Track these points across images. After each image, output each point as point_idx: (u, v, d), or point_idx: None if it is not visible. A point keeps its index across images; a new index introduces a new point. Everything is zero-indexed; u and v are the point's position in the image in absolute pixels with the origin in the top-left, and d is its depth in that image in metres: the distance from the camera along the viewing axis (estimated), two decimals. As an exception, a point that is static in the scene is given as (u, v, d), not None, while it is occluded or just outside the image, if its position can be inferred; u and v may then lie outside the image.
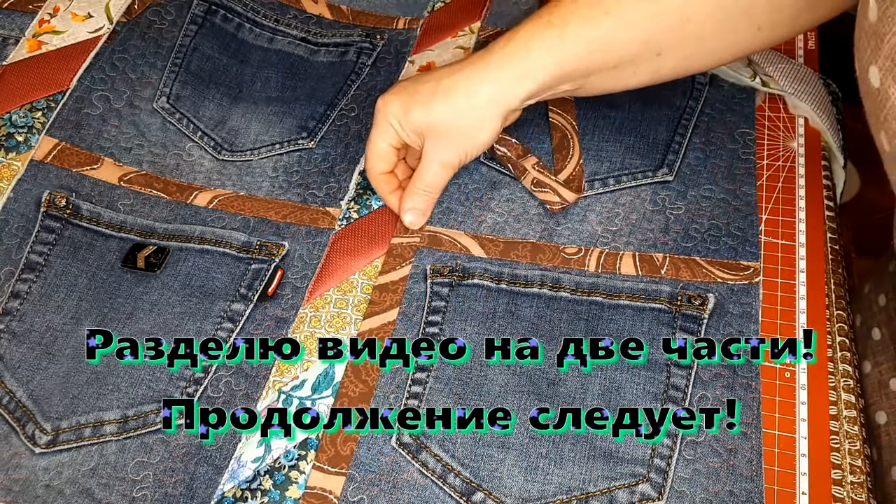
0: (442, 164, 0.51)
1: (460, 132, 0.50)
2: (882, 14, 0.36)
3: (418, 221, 0.54)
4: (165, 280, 0.53)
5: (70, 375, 0.49)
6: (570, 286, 0.51)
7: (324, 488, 0.45)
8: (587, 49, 0.48)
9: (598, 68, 0.49)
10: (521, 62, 0.48)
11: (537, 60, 0.48)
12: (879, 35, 0.36)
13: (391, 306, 0.51)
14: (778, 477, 0.44)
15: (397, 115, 0.50)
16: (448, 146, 0.50)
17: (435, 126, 0.50)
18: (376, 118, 0.52)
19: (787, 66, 0.61)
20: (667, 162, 0.57)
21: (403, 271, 0.52)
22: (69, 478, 0.45)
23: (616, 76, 0.50)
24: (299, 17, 0.68)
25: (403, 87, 0.51)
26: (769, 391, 0.47)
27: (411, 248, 0.53)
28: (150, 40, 0.64)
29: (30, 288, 0.52)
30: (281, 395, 0.48)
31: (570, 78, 0.49)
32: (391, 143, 0.52)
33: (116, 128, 0.59)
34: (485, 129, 0.50)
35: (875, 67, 0.37)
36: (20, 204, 0.55)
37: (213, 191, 0.57)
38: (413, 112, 0.50)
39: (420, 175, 0.52)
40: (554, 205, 0.55)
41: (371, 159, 0.53)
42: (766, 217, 0.54)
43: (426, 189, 0.52)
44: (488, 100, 0.48)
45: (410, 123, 0.50)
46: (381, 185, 0.54)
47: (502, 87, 0.48)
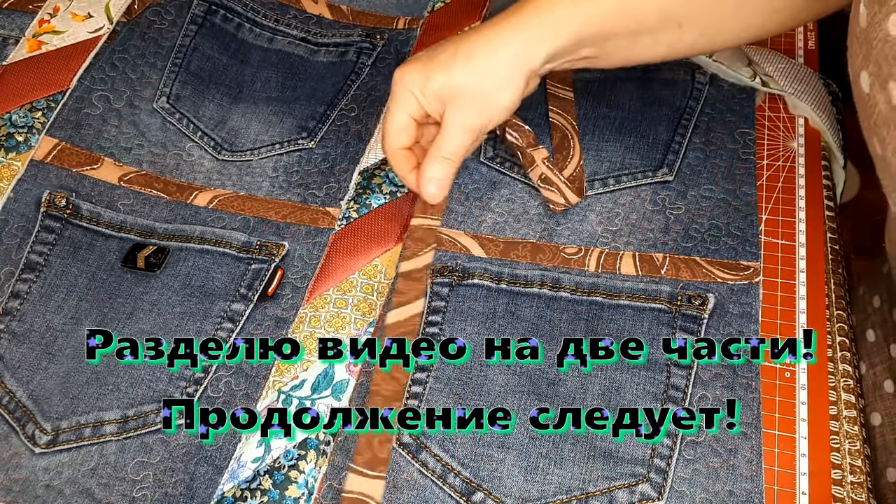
0: (465, 128, 0.49)
1: (483, 95, 0.48)
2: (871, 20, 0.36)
3: (439, 193, 0.51)
4: (165, 280, 0.53)
5: (70, 375, 0.49)
6: (570, 286, 0.51)
7: (364, 493, 0.43)
8: (608, 11, 0.47)
9: (618, 33, 0.48)
10: (542, 23, 0.47)
11: (558, 21, 0.47)
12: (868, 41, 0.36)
13: (417, 297, 0.49)
14: (778, 477, 0.44)
15: (417, 83, 0.49)
16: (471, 110, 0.49)
17: (457, 89, 0.48)
18: (394, 90, 0.50)
19: (787, 66, 0.61)
20: (667, 162, 0.57)
21: (426, 258, 0.51)
22: (69, 478, 0.45)
23: (635, 45, 0.49)
24: (299, 17, 0.68)
25: (420, 56, 0.50)
26: (769, 391, 0.47)
27: (432, 231, 0.52)
28: (150, 40, 0.64)
29: (30, 288, 0.52)
30: (281, 395, 0.48)
31: (590, 41, 0.49)
32: (411, 113, 0.50)
33: (116, 128, 0.59)
34: (508, 91, 0.48)
35: (865, 73, 0.37)
36: (20, 204, 0.55)
37: (213, 191, 0.57)
38: (433, 78, 0.48)
39: (441, 142, 0.50)
40: (557, 205, 0.55)
41: (390, 133, 0.51)
42: (766, 217, 0.54)
43: (448, 156, 0.50)
44: (510, 60, 0.48)
45: (431, 90, 0.48)
46: (400, 161, 0.52)
47: (524, 48, 0.47)
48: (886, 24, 0.35)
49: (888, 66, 0.35)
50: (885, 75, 0.35)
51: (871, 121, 0.38)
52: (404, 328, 0.48)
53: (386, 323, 0.49)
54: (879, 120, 0.37)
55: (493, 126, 0.50)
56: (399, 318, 0.49)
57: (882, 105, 0.36)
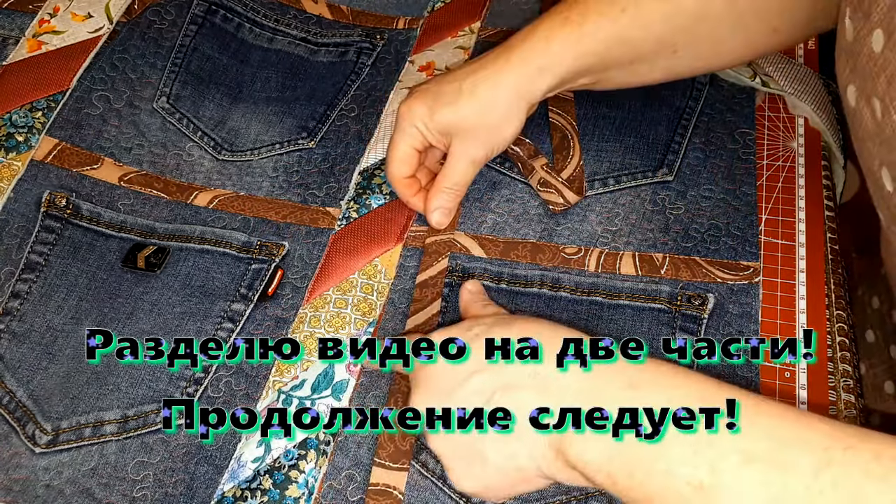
0: (470, 160, 0.52)
1: (488, 128, 0.51)
2: (856, 35, 0.36)
3: (445, 220, 0.54)
4: (165, 280, 0.53)
5: (70, 375, 0.49)
6: (570, 286, 0.51)
7: (388, 484, 0.44)
8: (605, 45, 0.49)
9: (615, 64, 0.50)
10: (542, 57, 0.49)
11: (557, 55, 0.49)
12: (854, 55, 0.36)
13: (433, 299, 0.51)
14: (778, 477, 0.44)
15: (423, 117, 0.51)
16: (476, 143, 0.51)
17: (463, 124, 0.51)
18: (399, 123, 0.52)
19: (787, 66, 0.61)
20: (667, 162, 0.57)
21: (441, 265, 0.53)
22: (69, 478, 0.45)
23: (633, 72, 0.51)
24: (299, 17, 0.68)
25: (425, 91, 0.52)
26: (769, 391, 0.47)
27: (444, 244, 0.54)
28: (150, 40, 0.64)
29: (30, 288, 0.52)
30: (281, 395, 0.48)
31: (588, 72, 0.51)
32: (415, 145, 0.52)
33: (116, 128, 0.59)
34: (511, 124, 0.51)
35: (852, 87, 0.37)
36: (20, 204, 0.55)
37: (213, 191, 0.57)
38: (440, 113, 0.50)
39: (447, 174, 0.52)
40: (556, 206, 0.55)
41: (394, 164, 0.53)
42: (766, 217, 0.54)
43: (453, 187, 0.53)
44: (513, 95, 0.50)
45: (437, 124, 0.51)
46: (404, 189, 0.54)
47: (525, 82, 0.49)
48: (870, 39, 0.35)
49: (872, 82, 0.35)
50: (870, 90, 0.35)
51: (858, 134, 0.38)
52: (423, 329, 0.50)
53: (406, 328, 0.51)
54: (865, 134, 0.37)
55: (496, 154, 0.53)
56: (418, 322, 0.51)
57: (867, 119, 0.36)
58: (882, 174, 0.36)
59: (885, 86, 0.34)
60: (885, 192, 0.37)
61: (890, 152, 0.35)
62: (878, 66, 0.34)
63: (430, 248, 0.54)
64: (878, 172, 0.37)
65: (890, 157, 0.35)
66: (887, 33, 0.33)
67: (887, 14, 0.33)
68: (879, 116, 0.35)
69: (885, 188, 0.37)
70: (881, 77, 0.34)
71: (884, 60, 0.34)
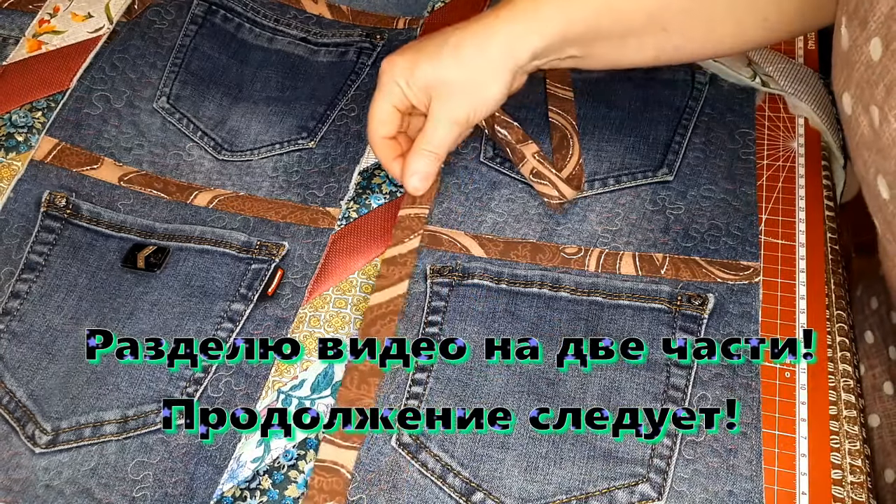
0: (451, 119, 0.49)
1: (470, 87, 0.49)
2: (852, 43, 0.36)
3: (423, 186, 0.51)
4: (165, 280, 0.53)
5: (70, 375, 0.49)
6: (570, 286, 0.51)
7: (335, 461, 0.45)
8: (594, 11, 0.47)
9: (604, 34, 0.49)
10: (531, 18, 0.47)
11: (545, 19, 0.47)
12: (850, 64, 0.36)
13: (400, 279, 0.50)
14: (778, 477, 0.44)
15: (404, 73, 0.49)
16: (457, 102, 0.49)
17: (444, 81, 0.48)
18: (380, 80, 0.50)
19: (787, 66, 0.61)
20: (667, 162, 0.57)
21: (412, 244, 0.51)
22: (69, 478, 0.45)
23: (621, 47, 0.50)
24: (299, 17, 0.68)
25: (409, 47, 0.50)
26: (769, 391, 0.47)
27: (419, 219, 0.52)
28: (150, 40, 0.64)
29: (30, 288, 0.52)
30: (280, 394, 0.48)
31: (576, 41, 0.49)
32: (396, 104, 0.50)
33: (116, 128, 0.59)
34: (495, 84, 0.49)
35: (848, 95, 0.37)
36: (20, 204, 0.55)
37: (213, 191, 0.57)
38: (421, 68, 0.48)
39: (426, 135, 0.50)
40: (552, 199, 0.54)
41: (373, 123, 0.51)
42: (766, 217, 0.54)
43: (433, 149, 0.50)
44: (498, 53, 0.48)
45: (418, 80, 0.49)
46: (384, 150, 0.52)
47: (512, 42, 0.48)
48: (867, 47, 0.34)
49: (870, 90, 0.35)
50: (867, 99, 0.35)
51: (855, 142, 0.38)
52: (386, 309, 0.48)
53: (369, 305, 0.49)
54: (861, 142, 0.37)
55: (479, 119, 0.50)
56: (381, 300, 0.49)
57: (865, 128, 0.36)
58: (878, 182, 0.36)
59: (884, 94, 0.33)
60: (880, 201, 0.37)
61: (885, 160, 0.35)
62: (876, 75, 0.34)
63: (403, 223, 0.52)
64: (874, 181, 0.37)
65: (885, 166, 0.35)
66: (885, 42, 0.33)
67: (885, 23, 0.33)
68: (877, 125, 0.35)
69: (881, 196, 0.36)
70: (879, 86, 0.34)
71: (882, 69, 0.33)
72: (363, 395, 0.47)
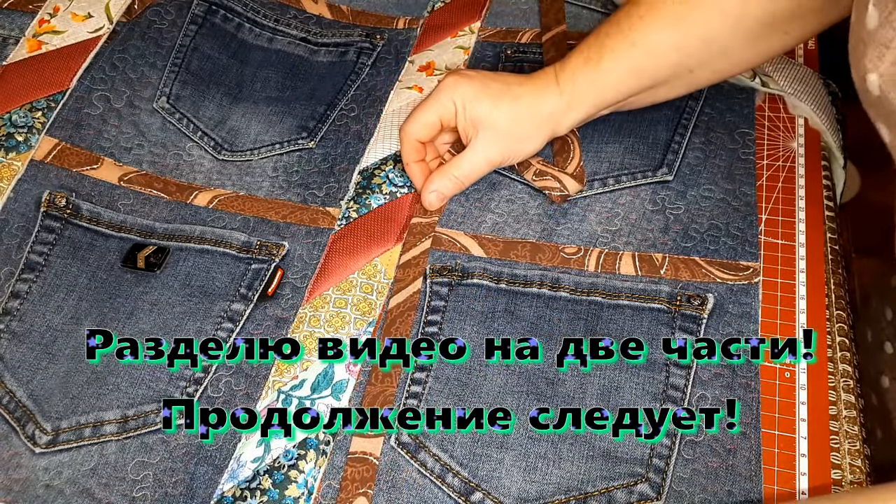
0: (487, 159, 0.53)
1: (514, 136, 0.52)
2: (884, 20, 0.35)
3: (438, 204, 0.55)
4: (165, 280, 0.53)
5: (70, 375, 0.49)
6: (570, 286, 0.51)
7: (364, 451, 0.46)
8: (621, 78, 0.51)
9: (635, 92, 0.52)
10: (570, 95, 0.52)
11: (581, 94, 0.52)
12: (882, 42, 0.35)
13: (415, 278, 0.52)
14: (778, 477, 0.44)
15: (464, 97, 0.52)
16: (498, 146, 0.53)
17: (494, 124, 0.52)
18: (439, 91, 0.53)
19: (787, 66, 0.61)
20: (666, 162, 0.57)
21: (424, 245, 0.54)
22: (69, 478, 0.45)
23: (653, 94, 0.53)
24: (299, 17, 0.68)
25: (476, 75, 0.53)
26: (769, 391, 0.47)
27: (430, 226, 0.55)
28: (150, 40, 0.64)
29: (30, 288, 0.52)
30: (281, 394, 0.48)
31: (610, 105, 0.53)
32: (442, 117, 0.53)
33: (116, 128, 0.59)
34: (533, 143, 0.53)
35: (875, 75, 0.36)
36: (20, 204, 0.55)
37: (213, 191, 0.57)
38: (482, 103, 0.51)
39: (460, 163, 0.53)
40: (553, 190, 0.54)
41: (415, 125, 0.54)
42: (766, 217, 0.54)
43: (460, 176, 0.54)
44: (546, 119, 0.52)
45: (473, 111, 0.52)
46: (411, 151, 0.55)
47: (557, 115, 0.52)
48: None
49: None
50: None
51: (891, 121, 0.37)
52: (404, 307, 0.51)
53: (389, 307, 0.51)
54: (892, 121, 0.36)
55: (508, 164, 0.55)
56: (400, 300, 0.51)
57: None
58: None
59: None
60: None
61: None
62: None
63: (415, 230, 0.55)
64: None
65: None
66: None
67: None
68: None
69: None
70: None
71: None
72: (387, 387, 0.48)
